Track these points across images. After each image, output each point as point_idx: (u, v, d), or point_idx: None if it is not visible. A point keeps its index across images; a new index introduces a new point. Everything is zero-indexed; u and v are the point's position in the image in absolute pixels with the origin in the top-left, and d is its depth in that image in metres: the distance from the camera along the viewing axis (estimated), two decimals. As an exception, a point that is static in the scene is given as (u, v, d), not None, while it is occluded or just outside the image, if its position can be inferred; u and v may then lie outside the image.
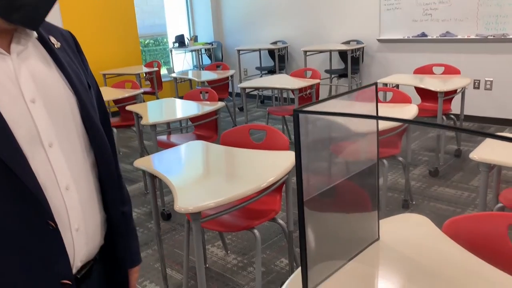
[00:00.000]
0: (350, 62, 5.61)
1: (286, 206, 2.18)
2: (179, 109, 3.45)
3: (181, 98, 3.78)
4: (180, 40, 7.31)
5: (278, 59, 6.63)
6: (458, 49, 5.18)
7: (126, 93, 4.11)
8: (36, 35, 0.86)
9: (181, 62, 7.90)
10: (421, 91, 4.22)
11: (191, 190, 1.78)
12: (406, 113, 2.91)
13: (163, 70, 7.20)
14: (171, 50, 7.45)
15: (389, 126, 2.59)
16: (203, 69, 6.15)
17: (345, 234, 1.07)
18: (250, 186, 1.76)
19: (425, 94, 4.20)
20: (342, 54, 6.17)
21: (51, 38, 0.90)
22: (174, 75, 5.51)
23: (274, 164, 1.99)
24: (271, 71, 6.78)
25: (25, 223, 0.77)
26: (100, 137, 0.93)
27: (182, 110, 3.40)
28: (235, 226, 2.14)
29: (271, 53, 6.88)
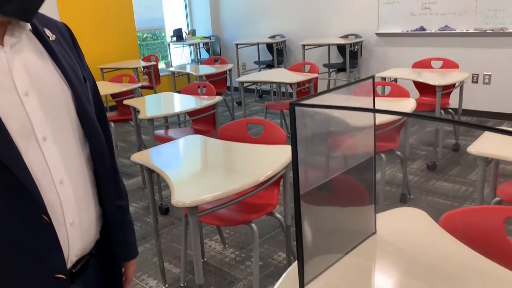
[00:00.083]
0: (349, 56, 5.60)
1: (284, 200, 2.18)
2: (177, 103, 3.44)
3: (179, 92, 3.77)
4: (178, 34, 7.28)
5: (277, 53, 6.61)
6: (457, 43, 5.17)
7: (123, 87, 4.10)
8: (30, 28, 0.85)
9: (179, 56, 7.88)
10: (419, 85, 4.22)
11: (189, 184, 1.77)
12: (404, 107, 2.90)
13: (161, 64, 7.18)
14: (169, 44, 7.42)
15: (387, 120, 2.59)
16: (201, 63, 6.14)
17: (341, 228, 1.07)
18: (248, 180, 1.76)
19: (423, 88, 4.19)
20: (341, 48, 6.15)
21: (46, 31, 0.89)
22: (172, 69, 5.49)
23: (271, 158, 1.98)
24: (270, 65, 6.77)
25: (18, 218, 0.77)
26: (95, 131, 0.92)
27: (180, 104, 3.39)
28: (233, 220, 2.13)
29: (270, 47, 6.86)
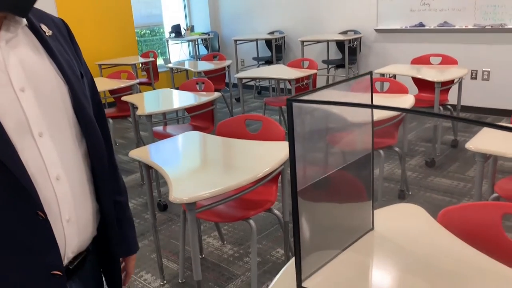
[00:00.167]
0: (348, 52, 5.58)
1: (282, 197, 2.18)
2: (175, 99, 3.43)
3: (177, 88, 3.76)
4: (176, 30, 7.26)
5: (275, 49, 6.59)
6: (456, 39, 5.16)
7: (122, 83, 4.09)
8: (26, 23, 0.84)
9: (177, 52, 7.85)
10: (418, 82, 4.21)
11: (187, 181, 1.77)
12: (403, 103, 2.90)
13: (160, 61, 7.16)
14: (168, 40, 7.40)
15: (385, 116, 2.58)
16: (200, 59, 6.12)
17: (339, 224, 1.06)
18: (246, 176, 1.75)
19: (422, 85, 4.19)
20: (340, 44, 6.14)
21: (43, 26, 0.88)
22: (170, 66, 5.48)
23: (269, 154, 1.98)
24: (268, 62, 6.75)
25: (14, 214, 0.76)
26: (92, 127, 0.92)
27: (178, 100, 3.38)
28: (231, 216, 2.13)
29: (268, 43, 6.85)
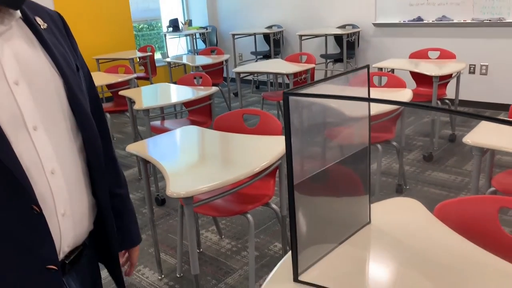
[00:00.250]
0: (346, 46, 5.57)
1: (280, 191, 2.18)
2: (173, 94, 3.42)
3: (175, 83, 3.75)
4: (174, 24, 7.23)
5: (274, 44, 6.57)
6: (454, 33, 5.15)
7: (119, 78, 4.07)
8: (20, 15, 0.84)
9: (175, 46, 7.83)
10: (416, 76, 4.21)
11: (184, 175, 1.77)
12: (401, 97, 2.90)
13: (157, 55, 7.13)
14: (165, 35, 7.37)
15: (383, 110, 2.58)
16: (198, 53, 6.10)
17: (336, 218, 1.06)
18: (243, 170, 1.75)
19: (420, 79, 4.18)
20: (338, 39, 6.12)
21: (37, 19, 0.88)
22: (168, 60, 5.45)
23: (267, 149, 1.98)
24: (266, 56, 6.73)
25: (8, 208, 0.76)
26: (87, 120, 0.91)
27: (176, 95, 3.37)
28: (229, 211, 2.13)
29: (266, 37, 6.82)
